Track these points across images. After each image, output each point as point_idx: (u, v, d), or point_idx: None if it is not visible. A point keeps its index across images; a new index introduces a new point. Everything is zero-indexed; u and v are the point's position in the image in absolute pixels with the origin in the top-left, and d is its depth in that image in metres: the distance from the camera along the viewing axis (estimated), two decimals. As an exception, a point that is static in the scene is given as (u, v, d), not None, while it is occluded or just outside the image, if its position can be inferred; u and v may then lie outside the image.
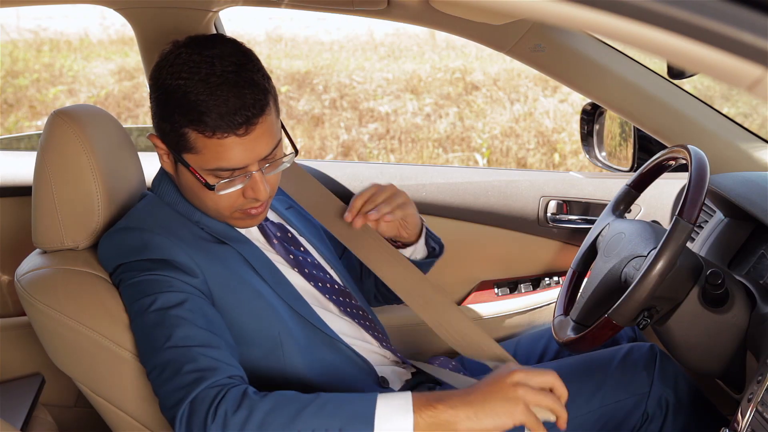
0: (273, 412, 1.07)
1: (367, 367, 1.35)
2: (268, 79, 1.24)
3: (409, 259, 1.47)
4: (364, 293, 1.62)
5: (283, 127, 1.29)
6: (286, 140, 1.31)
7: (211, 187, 1.22)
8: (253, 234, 1.37)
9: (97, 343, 1.26)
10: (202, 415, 1.08)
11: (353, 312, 1.42)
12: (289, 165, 1.30)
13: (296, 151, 1.30)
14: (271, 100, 1.23)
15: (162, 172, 1.36)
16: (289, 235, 1.42)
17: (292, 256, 1.39)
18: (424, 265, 1.52)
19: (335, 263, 1.49)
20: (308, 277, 1.39)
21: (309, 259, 1.41)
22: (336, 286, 1.42)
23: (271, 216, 1.44)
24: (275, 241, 1.38)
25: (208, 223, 1.32)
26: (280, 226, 1.42)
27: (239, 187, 1.24)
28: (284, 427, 1.06)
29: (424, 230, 1.50)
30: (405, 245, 1.50)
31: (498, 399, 1.04)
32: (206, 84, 1.17)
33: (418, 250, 1.51)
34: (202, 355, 1.15)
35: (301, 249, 1.42)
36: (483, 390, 1.06)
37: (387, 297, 1.63)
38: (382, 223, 1.41)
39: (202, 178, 1.22)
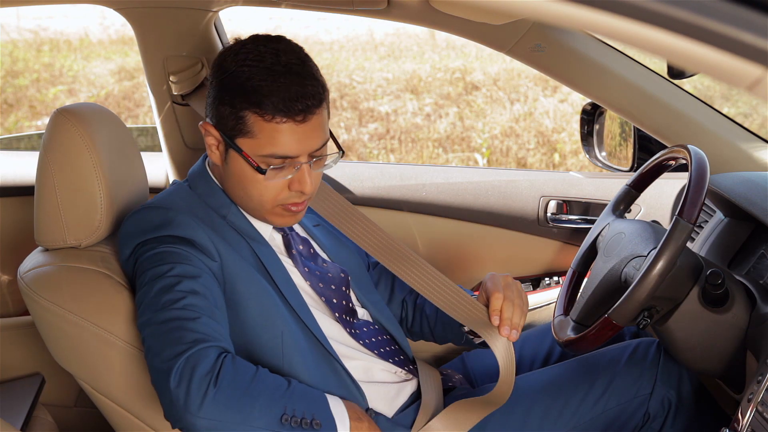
0: (266, 385, 1.17)
1: (359, 394, 1.35)
2: (325, 80, 1.30)
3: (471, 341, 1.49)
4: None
5: (329, 130, 1.34)
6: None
7: (262, 171, 1.25)
8: (275, 241, 1.39)
9: (101, 338, 1.26)
10: (203, 372, 1.12)
11: (357, 332, 1.42)
12: (333, 165, 1.34)
13: (342, 152, 1.34)
14: (327, 98, 1.29)
15: (200, 167, 1.38)
16: (312, 251, 1.44)
17: (307, 269, 1.39)
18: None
19: (359, 279, 1.49)
20: (319, 292, 1.39)
21: (330, 274, 1.42)
22: (350, 305, 1.43)
23: (298, 229, 1.46)
24: (294, 252, 1.39)
25: (234, 219, 1.34)
26: (304, 240, 1.43)
27: (288, 177, 1.27)
28: (274, 402, 1.15)
29: None
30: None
31: None
32: (271, 72, 1.23)
33: None
34: (207, 324, 1.18)
35: (324, 265, 1.43)
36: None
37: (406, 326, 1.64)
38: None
39: (255, 162, 1.25)
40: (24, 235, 1.64)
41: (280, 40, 1.29)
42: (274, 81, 1.22)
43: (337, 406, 1.23)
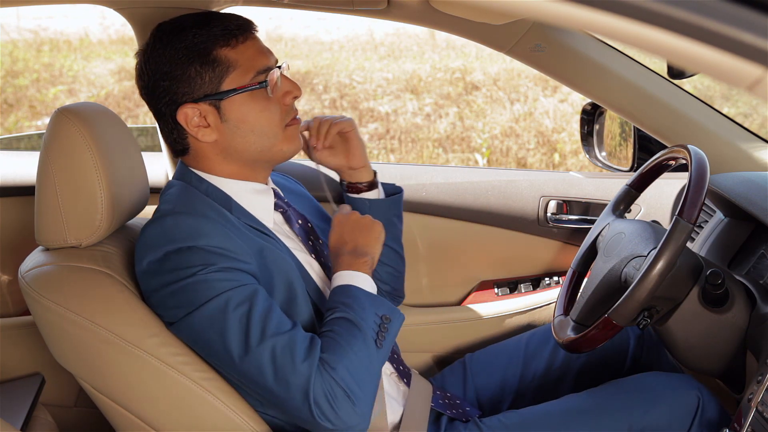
0: (352, 347, 1.22)
1: None
2: None
3: (374, 200, 1.58)
4: None
5: None
6: None
7: (264, 84, 1.30)
8: (277, 220, 1.40)
9: (102, 338, 1.26)
10: (336, 395, 1.18)
11: None
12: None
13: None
14: None
15: (183, 170, 1.36)
16: (309, 225, 1.45)
17: (311, 243, 1.42)
18: (393, 203, 1.59)
19: None
20: (323, 266, 1.41)
21: (326, 252, 1.44)
22: None
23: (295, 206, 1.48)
24: (296, 226, 1.41)
25: (237, 211, 1.33)
26: (302, 216, 1.45)
27: (278, 85, 1.32)
28: (366, 344, 1.24)
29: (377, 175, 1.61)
30: (367, 188, 1.57)
31: (369, 235, 1.38)
32: (199, 19, 1.30)
33: (381, 192, 1.60)
34: (299, 331, 1.22)
35: (320, 241, 1.45)
36: (357, 236, 1.37)
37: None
38: (324, 151, 1.54)
39: (253, 82, 1.29)
40: (24, 235, 1.64)
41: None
42: (209, 21, 1.29)
43: (357, 278, 1.30)
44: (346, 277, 1.31)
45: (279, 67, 1.34)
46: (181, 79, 1.28)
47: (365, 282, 1.31)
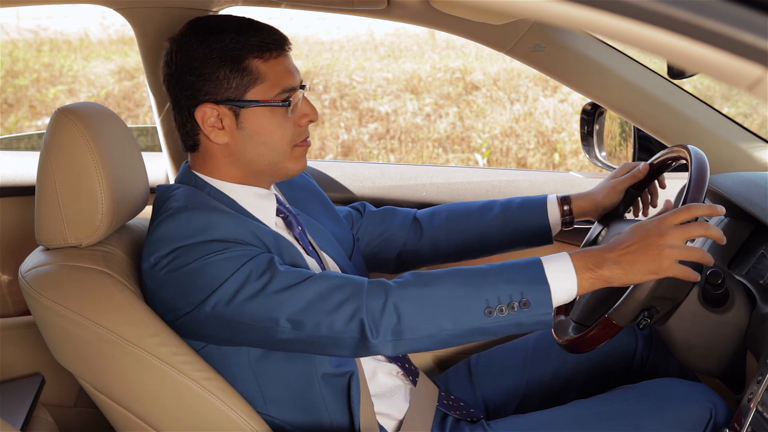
0: (456, 286, 1.17)
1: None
2: None
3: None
4: None
5: None
6: None
7: (287, 103, 1.31)
8: (278, 224, 1.40)
9: (102, 337, 1.26)
10: (382, 312, 1.16)
11: None
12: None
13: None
14: None
15: (188, 173, 1.36)
16: (308, 235, 1.46)
17: (311, 247, 1.43)
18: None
19: (344, 264, 1.50)
20: (322, 269, 1.41)
21: (320, 256, 1.44)
22: None
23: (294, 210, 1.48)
24: (297, 230, 1.42)
25: (242, 213, 1.33)
26: (301, 224, 1.45)
27: (299, 106, 1.33)
28: (470, 296, 1.16)
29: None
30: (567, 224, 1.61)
31: (647, 260, 1.15)
32: (241, 26, 1.31)
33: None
34: (335, 275, 1.21)
35: (313, 246, 1.45)
36: (634, 251, 1.16)
37: None
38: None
39: (277, 99, 1.30)
40: (24, 235, 1.64)
41: (211, 16, 1.37)
42: (249, 29, 1.30)
43: (557, 267, 1.16)
44: (555, 258, 1.18)
45: (303, 86, 1.35)
46: (208, 78, 1.29)
47: (558, 272, 1.16)
